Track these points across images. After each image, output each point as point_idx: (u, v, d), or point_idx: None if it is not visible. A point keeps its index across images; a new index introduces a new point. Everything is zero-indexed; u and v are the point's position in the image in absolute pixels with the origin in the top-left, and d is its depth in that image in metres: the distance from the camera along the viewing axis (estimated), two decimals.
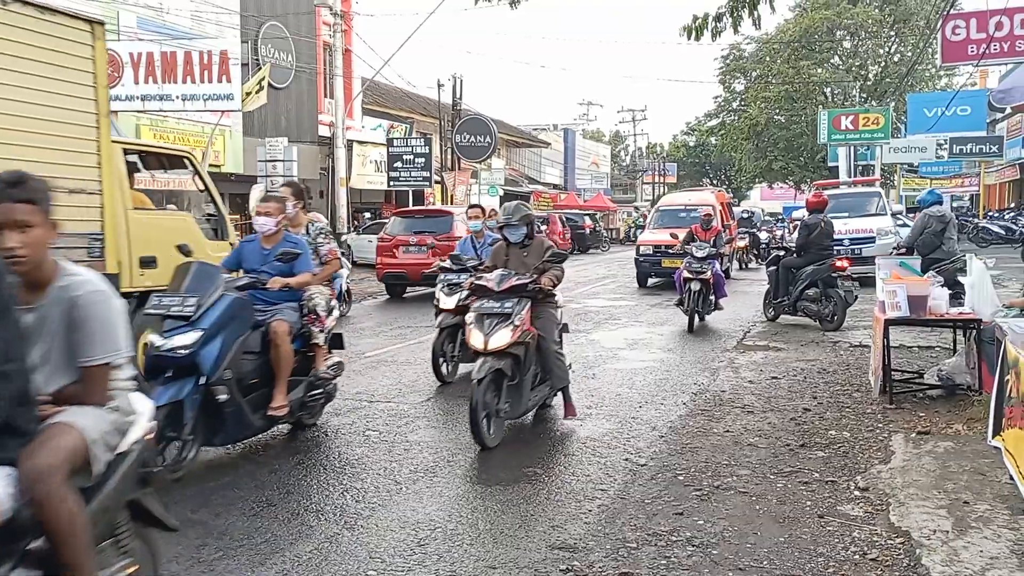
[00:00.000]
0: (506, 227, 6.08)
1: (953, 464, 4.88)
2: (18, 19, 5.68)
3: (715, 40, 8.43)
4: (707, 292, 11.00)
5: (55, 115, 5.97)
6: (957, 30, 17.43)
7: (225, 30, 20.83)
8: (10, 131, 5.60)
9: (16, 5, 5.69)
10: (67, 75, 6.09)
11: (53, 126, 5.96)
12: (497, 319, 5.55)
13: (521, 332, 5.55)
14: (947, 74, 40.01)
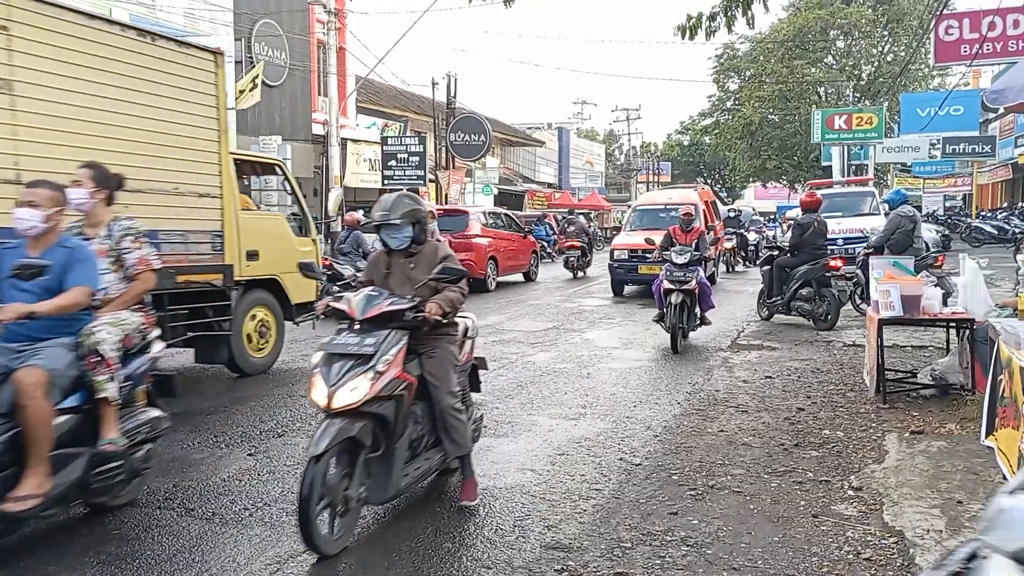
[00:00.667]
0: (383, 228, 4.29)
1: (946, 464, 4.90)
2: (162, 52, 6.89)
3: (709, 39, 8.42)
4: (691, 304, 9.49)
5: (188, 131, 7.08)
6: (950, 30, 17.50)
7: (218, 27, 20.76)
8: (153, 145, 6.67)
9: (161, 40, 6.96)
10: (196, 97, 7.21)
11: (187, 141, 7.06)
12: (352, 363, 3.86)
13: (387, 382, 3.88)
14: (940, 74, 40.14)
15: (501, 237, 18.24)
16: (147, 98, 6.67)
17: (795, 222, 11.53)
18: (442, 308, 4.16)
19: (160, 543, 3.98)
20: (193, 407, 6.82)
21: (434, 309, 4.12)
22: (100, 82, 6.25)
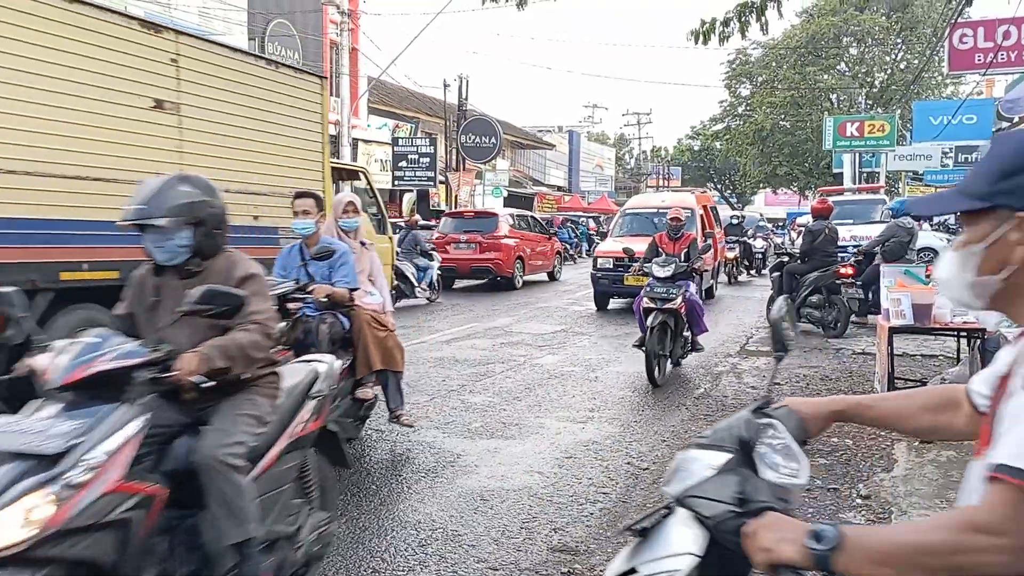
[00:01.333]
0: (146, 231, 2.83)
1: (956, 473, 4.87)
2: (283, 77, 8.21)
3: (722, 45, 8.43)
4: (677, 327, 7.98)
5: (301, 143, 8.37)
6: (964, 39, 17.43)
7: (233, 27, 20.87)
8: (277, 155, 8.03)
9: (283, 68, 8.42)
10: (307, 115, 8.48)
11: (300, 152, 8.36)
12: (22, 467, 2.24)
13: (90, 502, 2.27)
14: (953, 82, 39.98)
15: (528, 239, 18.87)
16: (273, 115, 8.00)
17: (806, 228, 11.51)
18: (207, 362, 2.64)
19: None
20: None
21: (190, 365, 2.60)
22: (242, 104, 7.57)
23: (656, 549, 1.44)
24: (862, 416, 1.76)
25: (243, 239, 7.52)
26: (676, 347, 8.08)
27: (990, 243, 1.35)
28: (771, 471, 1.52)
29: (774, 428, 1.60)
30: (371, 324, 5.37)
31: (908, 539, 1.22)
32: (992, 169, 1.36)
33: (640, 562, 1.44)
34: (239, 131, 7.51)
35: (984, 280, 1.38)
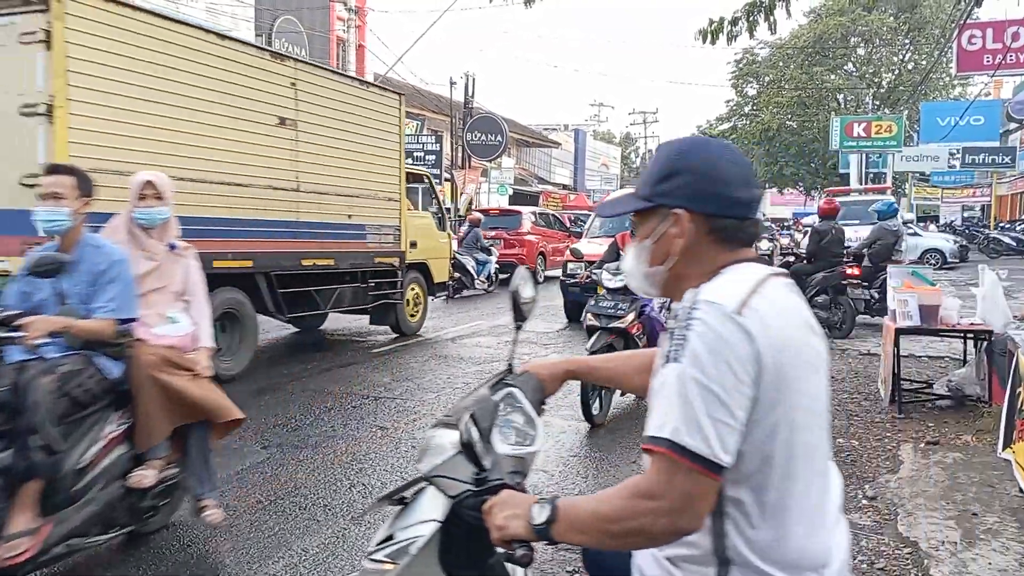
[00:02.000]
0: None
1: (962, 475, 4.86)
2: (371, 95, 9.73)
3: (730, 44, 8.44)
4: None
5: (384, 151, 9.80)
6: (973, 40, 17.41)
7: (239, 23, 20.88)
8: (367, 162, 9.48)
9: (372, 87, 10.09)
10: (388, 127, 9.91)
11: (383, 159, 9.80)
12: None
13: None
14: (961, 83, 39.88)
15: (549, 235, 19.98)
16: (363, 127, 9.43)
17: (812, 229, 11.49)
18: None
19: (173, 535, 4.00)
20: None
21: None
22: (341, 118, 8.99)
23: (408, 517, 1.56)
24: (590, 376, 1.99)
25: (339, 235, 9.02)
26: None
27: (656, 239, 1.53)
28: (506, 444, 1.65)
29: (512, 396, 1.73)
30: (163, 369, 3.53)
31: (595, 508, 1.37)
32: (653, 173, 1.53)
33: (396, 529, 1.55)
34: (339, 142, 8.94)
35: (654, 270, 1.55)
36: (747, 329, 1.32)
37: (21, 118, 5.95)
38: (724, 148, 1.54)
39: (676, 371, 1.31)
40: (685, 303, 1.38)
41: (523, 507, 1.41)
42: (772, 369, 1.33)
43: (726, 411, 1.29)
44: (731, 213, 1.49)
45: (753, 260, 1.50)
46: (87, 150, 6.01)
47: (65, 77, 5.97)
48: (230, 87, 7.42)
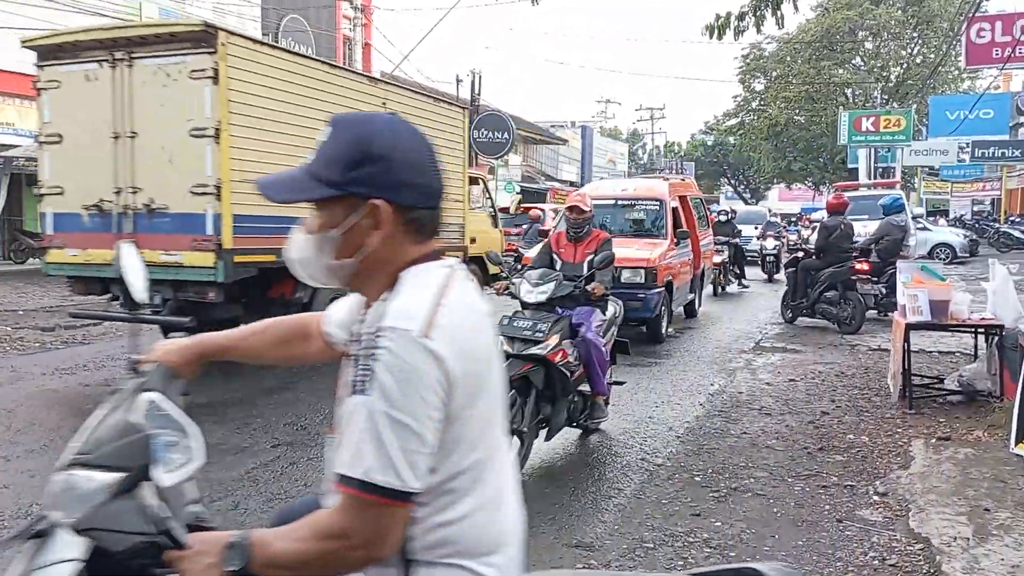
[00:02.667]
0: None
1: (974, 471, 4.84)
2: (443, 108, 11.35)
3: (737, 39, 8.38)
4: (555, 385, 4.94)
5: (452, 157, 10.96)
6: (982, 32, 17.30)
7: (246, 22, 20.94)
8: None
9: (442, 102, 11.72)
10: (456, 136, 11.42)
11: (452, 164, 10.81)
12: None
13: None
14: (970, 77, 39.63)
15: None
16: (436, 136, 9.87)
17: (821, 224, 11.46)
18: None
19: None
20: (218, 398, 6.88)
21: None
22: (432, 131, 9.84)
23: (47, 555, 1.34)
24: (227, 354, 1.81)
25: None
26: (558, 413, 5.01)
27: (344, 229, 1.40)
28: (170, 473, 1.42)
29: (155, 406, 1.49)
30: None
31: (287, 548, 1.30)
32: (341, 156, 1.38)
33: (33, 567, 1.34)
34: None
35: (340, 264, 1.43)
36: (436, 353, 1.27)
37: (191, 139, 7.24)
38: (413, 132, 1.45)
39: (365, 405, 1.25)
40: (368, 327, 1.31)
41: (215, 551, 1.30)
42: (462, 382, 1.31)
43: (418, 440, 1.26)
44: (426, 204, 1.43)
45: (438, 252, 1.45)
46: (241, 164, 7.38)
47: (227, 106, 7.28)
48: (339, 107, 8.39)
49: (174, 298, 7.63)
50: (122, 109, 7.58)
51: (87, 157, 7.77)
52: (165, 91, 7.42)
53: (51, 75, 7.97)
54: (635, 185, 11.85)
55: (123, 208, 7.66)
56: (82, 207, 7.83)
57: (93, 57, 7.75)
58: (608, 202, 11.15)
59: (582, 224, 6.07)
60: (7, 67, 16.61)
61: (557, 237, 6.17)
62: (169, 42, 7.46)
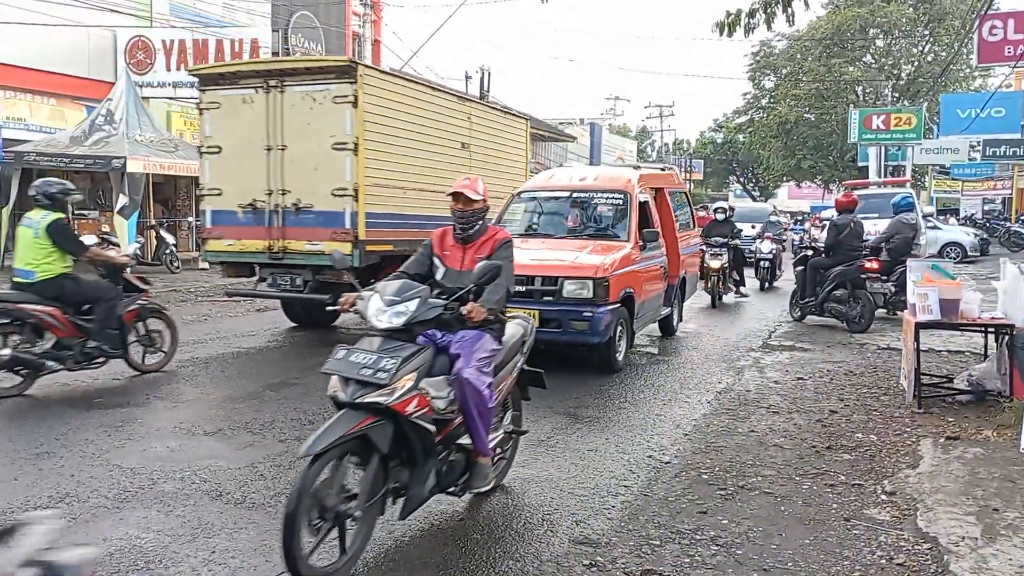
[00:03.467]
0: None
1: (983, 471, 4.82)
2: (509, 120, 13.51)
3: (748, 36, 8.34)
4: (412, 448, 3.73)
5: (515, 160, 13.24)
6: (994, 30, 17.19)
7: (256, 19, 20.98)
8: (508, 173, 12.66)
9: (509, 115, 13.84)
10: (519, 145, 13.38)
11: (515, 167, 13.15)
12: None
13: None
14: (982, 75, 39.40)
15: None
16: (505, 145, 12.86)
17: (831, 222, 11.42)
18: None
19: (184, 526, 4.04)
20: (225, 393, 6.91)
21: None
22: (495, 139, 12.38)
23: None
24: None
25: None
26: (419, 481, 3.78)
27: None
28: None
29: None
30: None
31: None
32: None
33: None
34: (494, 156, 12.21)
35: None
36: None
37: (334, 151, 9.01)
38: None
39: None
40: None
41: None
42: None
43: None
44: None
45: None
46: (373, 172, 9.20)
47: (363, 124, 9.03)
48: (438, 122, 10.64)
49: (314, 279, 9.27)
50: (274, 126, 9.28)
51: (242, 165, 9.41)
52: (311, 112, 9.10)
53: (212, 97, 9.60)
54: (596, 174, 9.89)
55: (274, 207, 9.35)
56: (238, 205, 9.51)
57: (250, 84, 9.36)
58: (560, 195, 9.30)
59: (471, 219, 4.27)
60: (19, 62, 16.69)
61: (442, 236, 4.41)
62: (316, 73, 9.19)
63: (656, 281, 9.20)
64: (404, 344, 3.69)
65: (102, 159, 15.59)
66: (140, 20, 18.95)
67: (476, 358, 3.91)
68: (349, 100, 8.91)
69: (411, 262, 4.41)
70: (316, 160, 9.05)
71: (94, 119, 16.57)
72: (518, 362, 4.53)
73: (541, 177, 10.35)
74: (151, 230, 17.89)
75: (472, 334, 3.98)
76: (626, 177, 9.42)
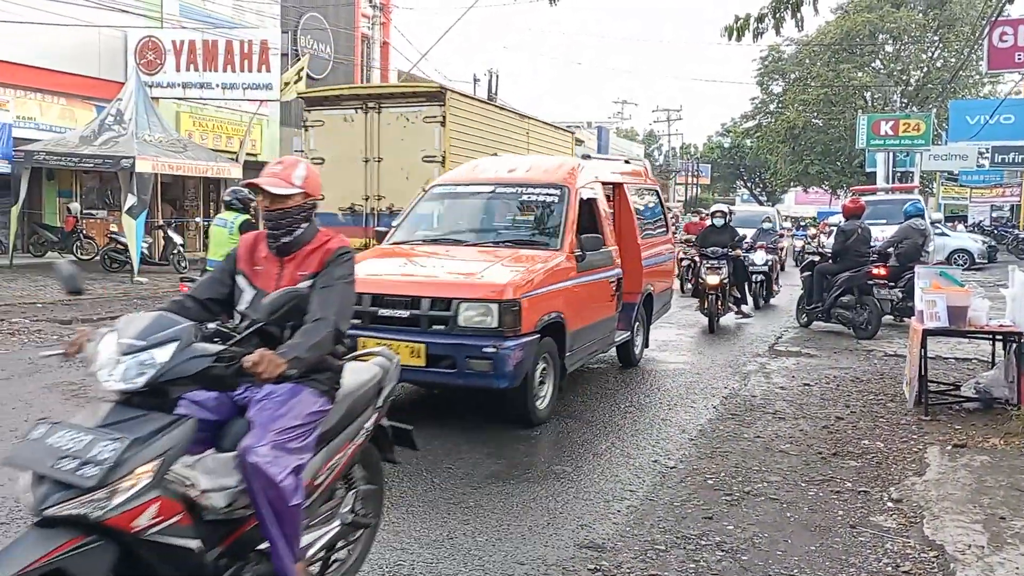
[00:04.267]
0: None
1: (990, 479, 4.80)
2: (559, 134, 15.73)
3: (756, 41, 8.36)
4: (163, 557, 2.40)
5: None
6: (1004, 37, 17.15)
7: (266, 20, 21.04)
8: None
9: (559, 130, 16.27)
10: (563, 153, 14.88)
11: None
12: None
13: None
14: (991, 81, 39.28)
15: None
16: (558, 155, 13.93)
17: (838, 228, 11.40)
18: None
19: None
20: None
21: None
22: (545, 150, 13.88)
23: None
24: None
25: None
26: None
27: None
28: None
29: None
30: None
31: None
32: None
33: None
34: None
35: None
36: None
37: (423, 163, 10.69)
38: None
39: None
40: None
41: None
42: None
43: None
44: None
45: None
46: None
47: (449, 140, 10.76)
48: (504, 136, 12.48)
49: None
50: (371, 141, 11.04)
51: (343, 174, 10.90)
52: (404, 130, 10.87)
53: (317, 116, 11.44)
54: (530, 165, 7.96)
55: (370, 210, 11.05)
56: (338, 208, 11.02)
57: (350, 105, 11.13)
58: (482, 190, 7.35)
59: (284, 221, 3.04)
60: (30, 62, 16.78)
61: (253, 243, 3.16)
62: (410, 97, 11.10)
63: (603, 301, 7.17)
64: (145, 416, 2.40)
65: (111, 159, 15.65)
66: (151, 20, 19.03)
67: (276, 430, 2.68)
68: (438, 120, 10.73)
69: (202, 282, 3.19)
70: (408, 170, 10.57)
71: (103, 119, 16.63)
72: (368, 422, 3.23)
73: (463, 168, 8.25)
74: (159, 230, 17.96)
75: (283, 390, 2.77)
76: (567, 168, 7.57)
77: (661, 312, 9.47)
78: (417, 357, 5.62)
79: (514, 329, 5.61)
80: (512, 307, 5.61)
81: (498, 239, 6.80)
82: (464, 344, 5.57)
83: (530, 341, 5.76)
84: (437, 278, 6.17)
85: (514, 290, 5.69)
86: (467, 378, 5.64)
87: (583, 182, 7.30)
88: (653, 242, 8.96)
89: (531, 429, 5.93)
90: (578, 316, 6.53)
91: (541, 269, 6.14)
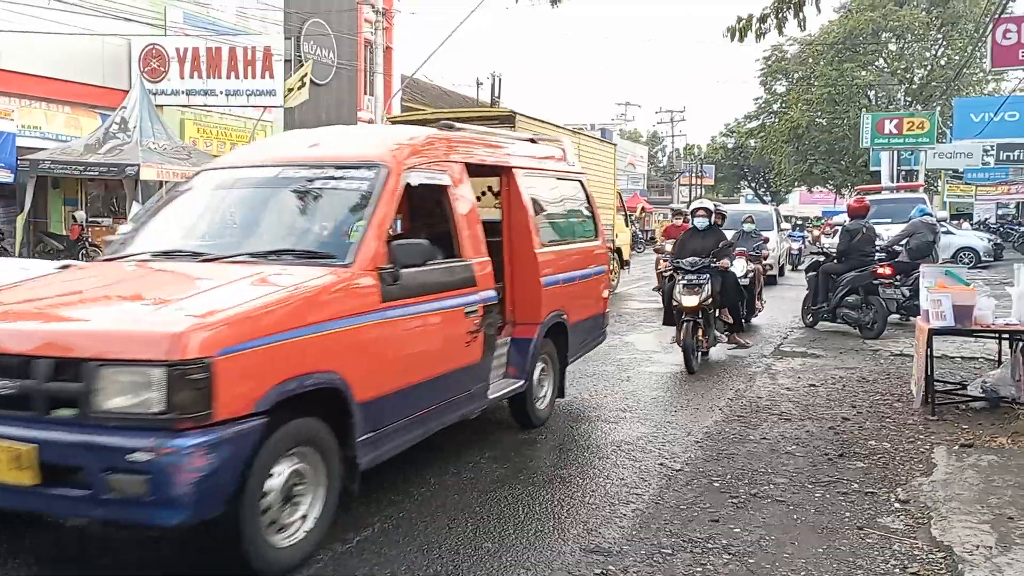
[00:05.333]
0: None
1: (997, 479, 4.79)
2: (603, 145, 18.09)
3: (759, 41, 8.32)
4: None
5: (606, 177, 16.73)
6: (1008, 34, 17.10)
7: (269, 26, 21.08)
8: (600, 187, 15.05)
9: (603, 141, 19.59)
10: (607, 164, 17.02)
11: (606, 184, 16.52)
12: None
13: None
14: (995, 79, 39.19)
15: None
16: (601, 169, 16.19)
17: (843, 228, 11.37)
18: None
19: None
20: None
21: None
22: (593, 159, 15.37)
23: None
24: None
25: None
26: None
27: None
28: None
29: None
30: None
31: None
32: None
33: None
34: (593, 177, 13.23)
35: None
36: None
37: None
38: None
39: None
40: None
41: None
42: None
43: None
44: None
45: None
46: None
47: None
48: None
49: None
50: None
51: None
52: None
53: None
54: (341, 136, 5.79)
55: None
56: None
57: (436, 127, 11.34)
58: (264, 174, 4.91)
59: None
60: (35, 71, 16.86)
61: None
62: (485, 119, 11.98)
63: (447, 343, 4.77)
64: None
65: (116, 166, 15.68)
66: (154, 29, 19.08)
67: None
68: None
69: None
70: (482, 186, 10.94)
71: (108, 127, 16.67)
72: None
73: (255, 145, 6.32)
74: None
75: None
76: (393, 139, 5.06)
77: (589, 345, 7.07)
78: (21, 468, 3.18)
79: (198, 413, 3.14)
80: (193, 371, 3.12)
81: (260, 250, 4.29)
82: (102, 445, 3.12)
83: (239, 434, 3.24)
84: (71, 320, 3.65)
85: (203, 341, 3.19)
86: (108, 508, 3.22)
87: (419, 161, 4.85)
88: (568, 252, 6.54)
89: (534, 431, 5.93)
90: (384, 375, 4.14)
91: (280, 299, 3.62)
